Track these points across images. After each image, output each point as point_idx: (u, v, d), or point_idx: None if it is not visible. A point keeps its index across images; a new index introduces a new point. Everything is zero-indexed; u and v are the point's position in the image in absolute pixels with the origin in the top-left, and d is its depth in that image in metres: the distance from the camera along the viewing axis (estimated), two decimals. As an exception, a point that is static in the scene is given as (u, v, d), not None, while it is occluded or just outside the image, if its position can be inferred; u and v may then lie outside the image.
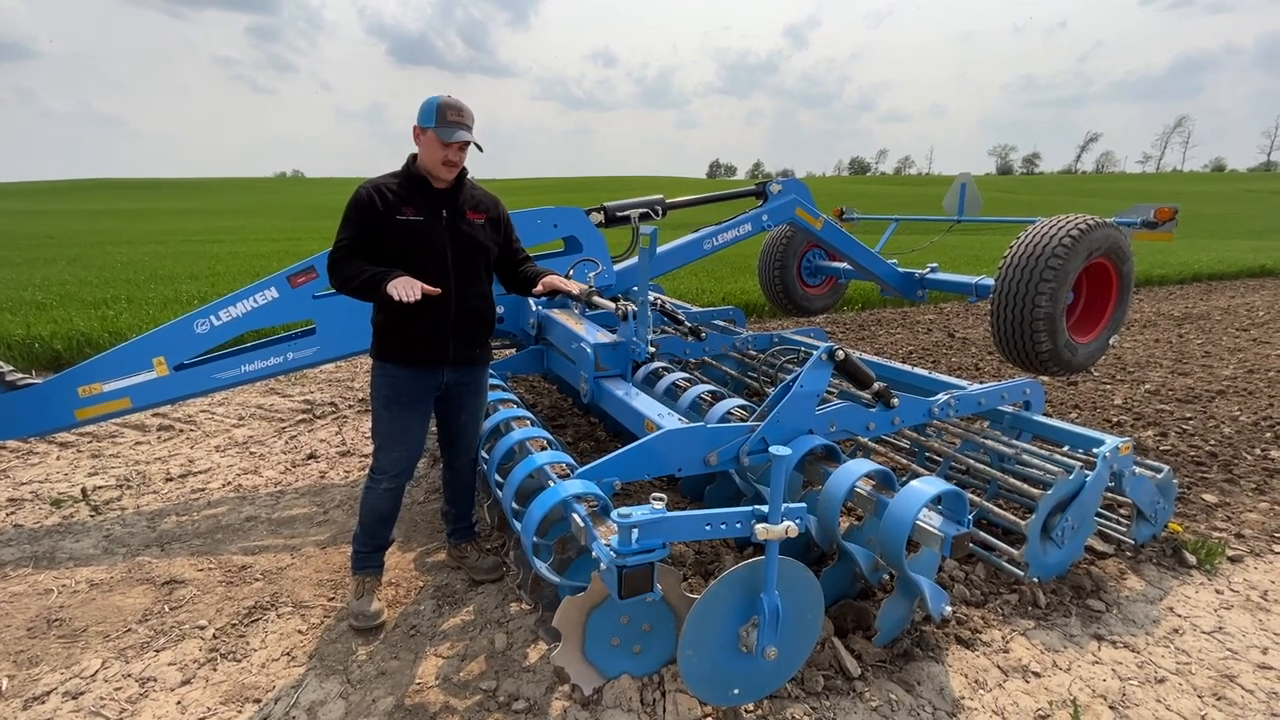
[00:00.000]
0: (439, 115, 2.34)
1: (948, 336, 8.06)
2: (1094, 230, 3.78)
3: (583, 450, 4.14)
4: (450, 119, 2.35)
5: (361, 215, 2.38)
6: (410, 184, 2.45)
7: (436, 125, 2.34)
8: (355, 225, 2.39)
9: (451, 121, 2.35)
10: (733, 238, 4.69)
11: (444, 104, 2.36)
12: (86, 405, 3.30)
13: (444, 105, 2.36)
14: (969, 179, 5.96)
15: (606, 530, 1.99)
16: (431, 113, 2.35)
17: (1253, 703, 2.18)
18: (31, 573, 2.90)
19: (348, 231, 2.40)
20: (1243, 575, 2.90)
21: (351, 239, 2.39)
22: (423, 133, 2.38)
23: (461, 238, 2.51)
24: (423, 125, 2.37)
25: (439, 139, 2.34)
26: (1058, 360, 3.91)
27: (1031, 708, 2.13)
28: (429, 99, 2.39)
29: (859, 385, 2.80)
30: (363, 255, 2.38)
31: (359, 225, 2.39)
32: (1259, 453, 4.24)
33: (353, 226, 2.39)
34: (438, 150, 2.36)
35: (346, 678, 2.26)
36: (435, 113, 2.34)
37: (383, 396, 2.52)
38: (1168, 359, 6.79)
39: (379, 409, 2.54)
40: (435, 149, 2.37)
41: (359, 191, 2.42)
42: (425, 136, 2.38)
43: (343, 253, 2.38)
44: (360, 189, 2.42)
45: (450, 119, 2.35)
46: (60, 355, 6.22)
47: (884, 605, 2.31)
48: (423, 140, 2.40)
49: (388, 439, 2.54)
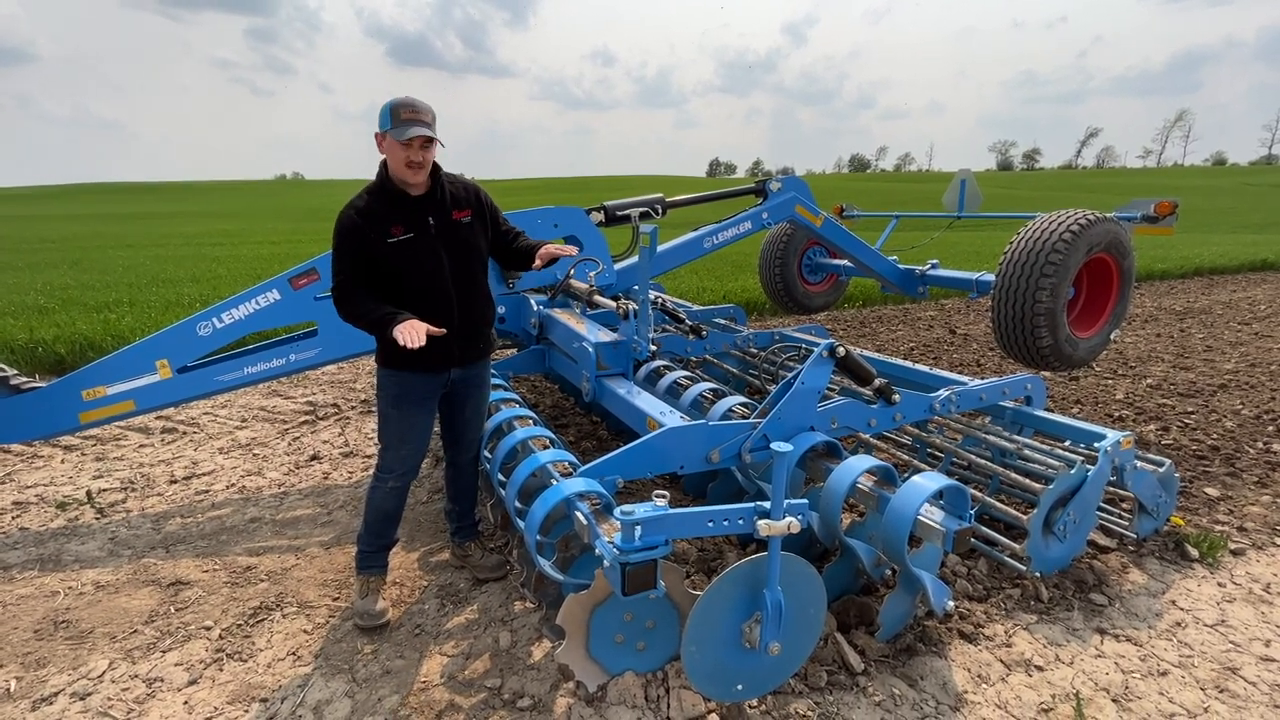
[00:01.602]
0: (393, 116, 2.30)
1: (949, 333, 8.05)
2: (1094, 225, 3.78)
3: (585, 449, 4.15)
4: (404, 117, 2.30)
5: (353, 244, 2.35)
6: (390, 200, 2.40)
7: (392, 126, 2.29)
8: (350, 256, 2.36)
9: (406, 120, 2.30)
10: (733, 236, 4.70)
11: (397, 104, 2.31)
12: (90, 408, 3.32)
13: (397, 105, 2.31)
14: (969, 175, 5.97)
15: (609, 528, 2.00)
16: (386, 115, 2.31)
17: (1255, 695, 2.18)
18: (38, 575, 2.92)
19: (344, 263, 2.37)
20: (1245, 568, 2.91)
21: (350, 270, 2.37)
22: (383, 139, 2.34)
23: (455, 245, 2.50)
24: (381, 131, 2.33)
25: (396, 140, 2.30)
26: (1059, 355, 3.92)
27: (1034, 701, 2.14)
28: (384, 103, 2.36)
29: (860, 382, 2.81)
30: (364, 283, 2.37)
31: (354, 255, 2.36)
32: (1261, 446, 4.24)
33: (348, 258, 2.36)
34: (399, 152, 2.32)
35: (352, 677, 2.28)
36: (390, 115, 2.30)
37: (391, 396, 2.53)
38: (1169, 353, 6.78)
39: (387, 409, 2.55)
40: (396, 151, 2.33)
41: (344, 219, 2.36)
42: (386, 142, 2.34)
43: (345, 287, 2.37)
44: (345, 215, 2.36)
45: (404, 117, 2.30)
46: (63, 359, 6.23)
47: (886, 600, 2.31)
48: (385, 146, 2.36)
49: (396, 437, 2.55)
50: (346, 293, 2.37)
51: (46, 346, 6.33)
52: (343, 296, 2.38)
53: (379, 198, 2.40)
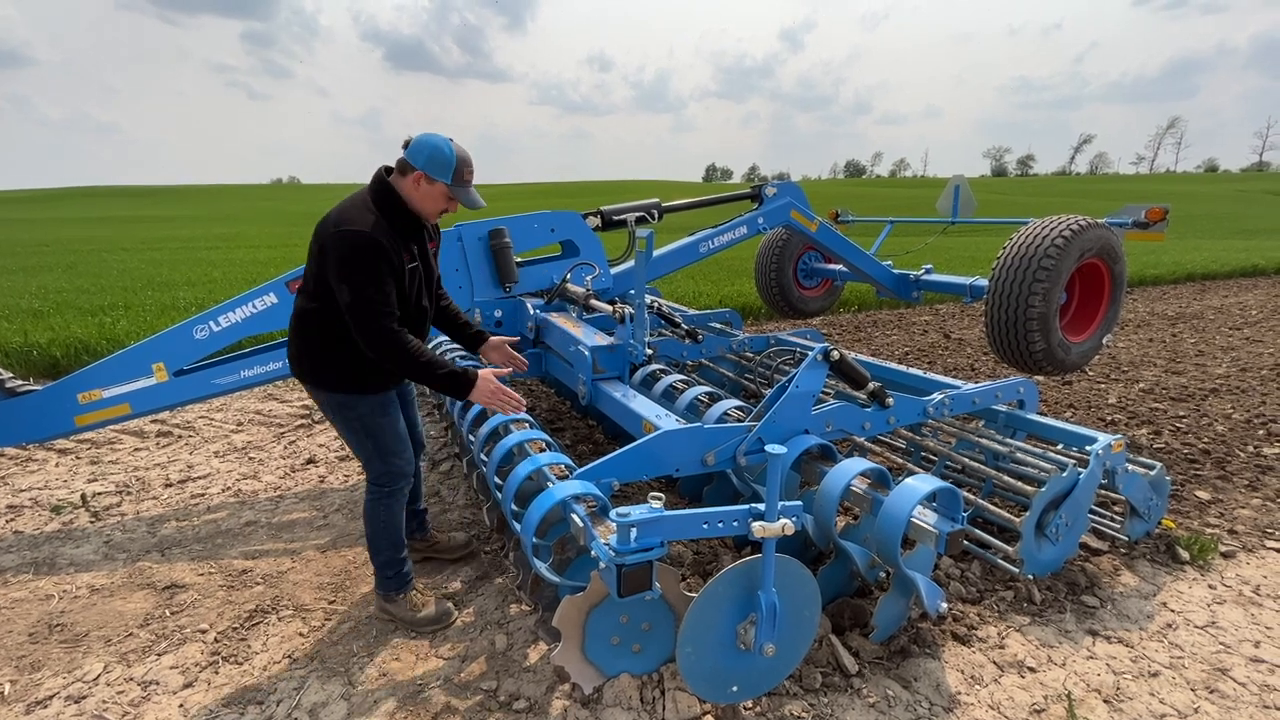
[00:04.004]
0: (456, 173, 2.23)
1: (943, 337, 8.10)
2: (1086, 231, 3.82)
3: (581, 453, 4.16)
4: (466, 178, 2.27)
5: (386, 269, 2.17)
6: (405, 224, 2.30)
7: (453, 184, 2.24)
8: (386, 280, 2.17)
9: (467, 181, 2.27)
10: (729, 240, 4.73)
11: (463, 160, 2.23)
12: (86, 412, 3.31)
13: (463, 162, 2.23)
14: (963, 181, 6.01)
15: (605, 530, 2.02)
16: (448, 168, 2.21)
17: (1245, 695, 2.20)
18: (32, 579, 2.91)
19: (387, 293, 2.16)
20: (1235, 570, 2.93)
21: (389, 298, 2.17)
22: (429, 182, 2.23)
23: (431, 270, 2.52)
24: (432, 176, 2.22)
25: (450, 196, 2.25)
26: (1051, 360, 3.95)
27: (1027, 702, 2.16)
28: (438, 145, 2.21)
29: (854, 385, 2.83)
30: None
31: (389, 279, 2.18)
32: (1251, 450, 4.28)
33: (384, 282, 2.16)
34: (440, 203, 2.28)
35: (348, 679, 2.28)
36: (452, 170, 2.22)
37: (377, 409, 2.43)
38: (1162, 358, 6.83)
39: (372, 425, 2.42)
40: (439, 202, 2.27)
41: (376, 242, 2.14)
42: (433, 187, 2.24)
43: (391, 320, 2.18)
44: (372, 237, 2.14)
45: (466, 178, 2.27)
46: (58, 362, 6.21)
47: (881, 602, 2.33)
48: (426, 190, 2.25)
49: (389, 448, 2.48)
50: (395, 334, 2.17)
51: (41, 350, 6.31)
52: (392, 338, 2.17)
53: (392, 221, 2.25)
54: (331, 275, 2.18)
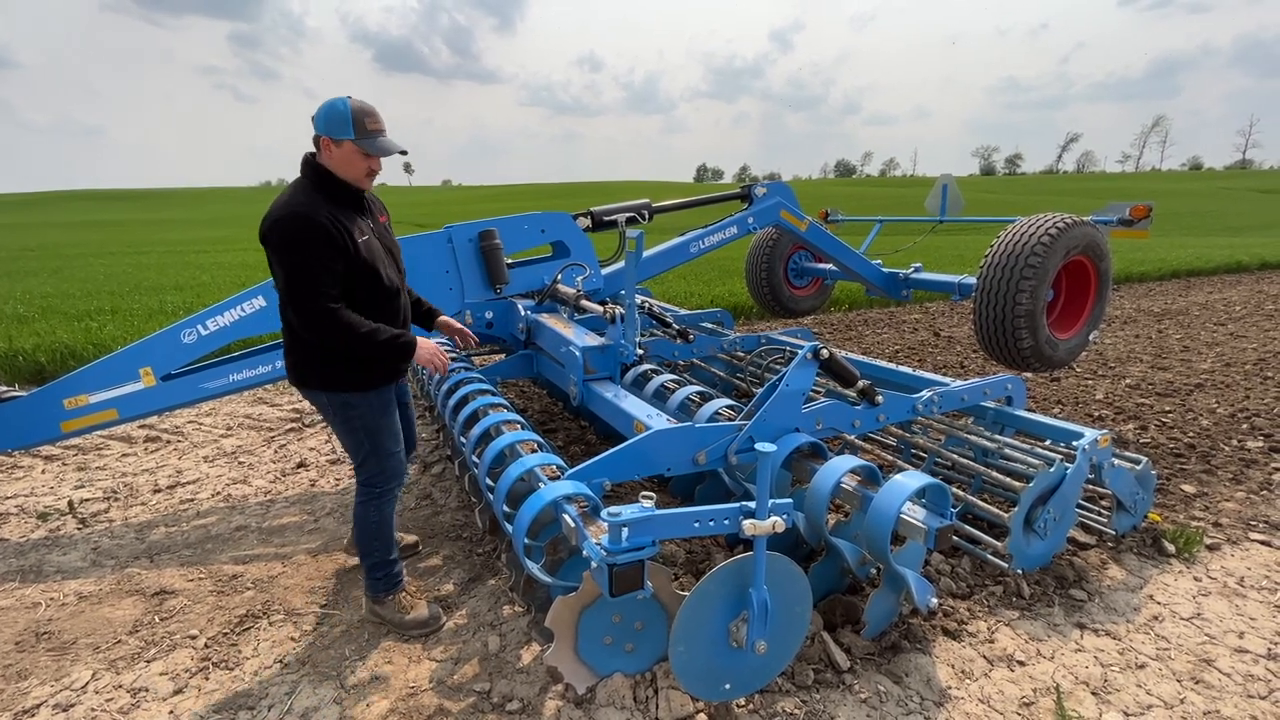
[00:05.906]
0: (356, 126, 2.12)
1: (933, 335, 8.15)
2: (1071, 229, 3.86)
3: (573, 454, 4.16)
4: (371, 128, 2.15)
5: (332, 249, 2.10)
6: (347, 197, 2.23)
7: (357, 137, 2.13)
8: (331, 262, 2.10)
9: (373, 131, 2.17)
10: (719, 241, 4.75)
11: (359, 111, 2.12)
12: (72, 417, 3.28)
13: (359, 113, 2.12)
14: (950, 180, 6.06)
15: (597, 530, 2.02)
16: (346, 122, 2.11)
17: (1230, 685, 2.23)
18: (18, 586, 2.88)
19: (321, 272, 2.08)
20: (1220, 563, 2.97)
21: (331, 285, 2.10)
22: (336, 145, 2.14)
23: (390, 241, 2.45)
24: (335, 137, 2.13)
25: (362, 150, 2.15)
26: (1039, 356, 3.99)
27: (1016, 696, 2.18)
28: (334, 104, 2.13)
29: (844, 383, 2.85)
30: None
31: (334, 262, 2.11)
32: (1236, 444, 4.33)
33: (327, 265, 2.09)
34: (359, 162, 2.18)
35: (340, 683, 2.27)
36: (352, 123, 2.11)
37: (374, 412, 2.42)
38: (1147, 354, 6.91)
39: (373, 424, 2.42)
40: (357, 161, 2.17)
41: (314, 220, 2.07)
42: (340, 149, 2.15)
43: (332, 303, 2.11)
44: (307, 216, 2.08)
45: (371, 128, 2.15)
46: (44, 368, 6.15)
47: (871, 599, 2.34)
48: (337, 153, 2.16)
49: (387, 448, 2.48)
50: (332, 311, 2.11)
51: (26, 355, 6.24)
52: (329, 316, 2.11)
53: (327, 196, 2.18)
54: (272, 264, 2.17)
